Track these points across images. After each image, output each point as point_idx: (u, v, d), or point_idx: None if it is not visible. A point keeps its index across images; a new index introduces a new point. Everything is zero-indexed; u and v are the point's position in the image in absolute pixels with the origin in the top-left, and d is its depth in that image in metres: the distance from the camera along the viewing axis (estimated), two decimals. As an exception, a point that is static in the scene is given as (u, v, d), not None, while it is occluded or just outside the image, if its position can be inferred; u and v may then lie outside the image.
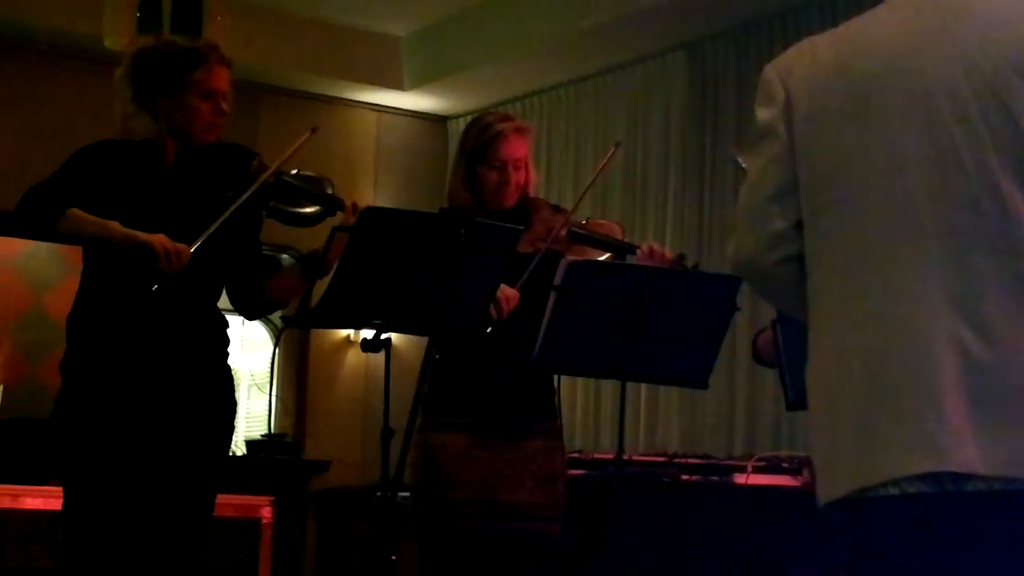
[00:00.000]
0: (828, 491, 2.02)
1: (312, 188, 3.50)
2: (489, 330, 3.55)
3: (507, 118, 3.88)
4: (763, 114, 2.13)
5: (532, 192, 3.86)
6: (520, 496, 3.70)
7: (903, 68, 2.03)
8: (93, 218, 3.28)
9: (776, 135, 2.11)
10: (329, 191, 3.51)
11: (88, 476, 3.32)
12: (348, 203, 3.47)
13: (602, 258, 3.74)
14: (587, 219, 3.95)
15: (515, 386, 3.74)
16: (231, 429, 3.52)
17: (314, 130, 3.51)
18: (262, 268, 3.56)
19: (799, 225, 2.10)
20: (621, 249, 3.75)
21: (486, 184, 3.76)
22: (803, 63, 2.12)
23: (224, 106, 3.42)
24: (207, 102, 3.39)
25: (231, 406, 3.50)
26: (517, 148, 3.77)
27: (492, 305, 3.52)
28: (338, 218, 3.48)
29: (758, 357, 4.32)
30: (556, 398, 3.87)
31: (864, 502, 1.96)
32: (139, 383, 3.34)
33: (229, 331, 3.52)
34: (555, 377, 3.86)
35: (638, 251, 3.72)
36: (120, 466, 3.31)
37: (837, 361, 2.04)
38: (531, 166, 3.84)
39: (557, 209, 3.88)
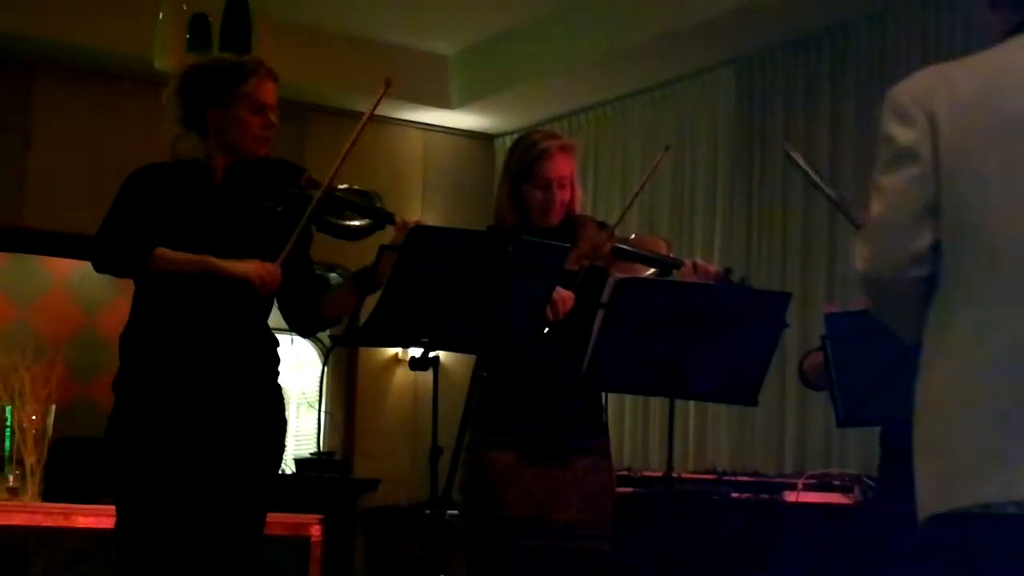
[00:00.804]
0: (941, 503, 2.10)
1: (361, 201, 3.51)
2: (546, 331, 3.54)
3: (553, 136, 3.88)
4: (903, 135, 2.18)
5: (578, 209, 3.86)
6: (569, 514, 3.69)
7: None
8: (183, 255, 3.32)
9: (919, 156, 2.16)
10: (378, 205, 3.52)
11: (141, 495, 3.33)
12: (398, 219, 3.47)
13: (647, 274, 3.73)
14: (634, 235, 3.94)
15: (563, 404, 3.72)
16: (282, 448, 3.53)
17: (388, 81, 3.41)
18: (316, 284, 3.58)
19: (935, 247, 2.15)
20: (666, 265, 3.73)
21: (532, 202, 3.76)
22: (941, 90, 2.18)
23: (273, 118, 3.45)
24: (257, 115, 3.42)
25: (282, 425, 3.51)
26: (562, 166, 3.77)
27: (548, 306, 3.51)
28: (387, 231, 3.48)
29: (806, 381, 4.28)
30: (604, 416, 3.85)
31: (985, 518, 2.03)
32: (191, 402, 3.35)
33: (279, 349, 3.54)
34: (603, 395, 3.84)
35: (683, 266, 3.71)
36: (173, 485, 3.33)
37: (965, 385, 2.10)
38: (577, 184, 3.84)
39: (603, 226, 3.86)
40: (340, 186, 3.50)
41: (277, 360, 3.52)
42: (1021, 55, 2.17)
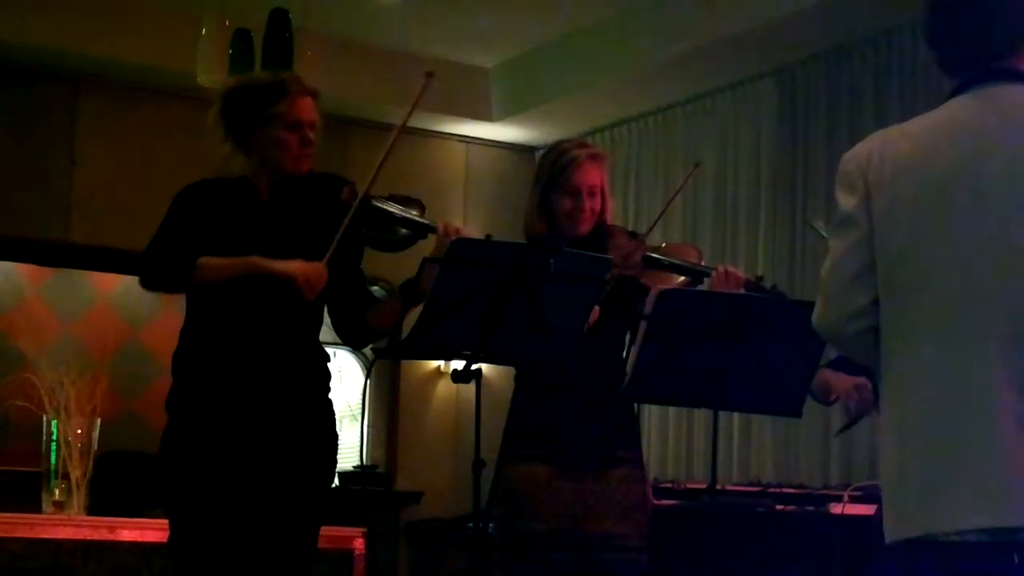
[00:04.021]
0: (896, 531, 2.35)
1: (402, 212, 3.49)
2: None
3: (583, 145, 3.86)
4: (845, 202, 2.45)
5: (609, 219, 3.84)
6: (606, 526, 3.67)
7: (971, 168, 2.32)
8: (226, 260, 3.34)
9: (857, 223, 2.42)
10: (416, 214, 3.50)
11: (194, 510, 3.35)
12: (440, 227, 3.45)
13: (678, 282, 3.71)
14: (664, 244, 3.93)
15: (595, 415, 3.71)
16: (333, 463, 3.53)
17: (429, 74, 3.54)
18: (365, 297, 3.58)
19: (876, 301, 2.41)
20: (697, 273, 3.72)
21: (561, 211, 3.75)
22: (880, 157, 2.42)
23: (311, 135, 3.45)
24: (294, 133, 3.43)
25: (333, 439, 3.52)
26: (592, 175, 3.75)
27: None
28: (430, 240, 3.47)
29: (812, 395, 4.18)
30: (637, 426, 3.82)
31: (929, 545, 2.29)
32: (244, 418, 3.37)
33: (329, 364, 3.54)
34: (635, 406, 3.82)
35: (713, 273, 3.69)
36: (226, 500, 3.34)
37: (906, 427, 2.35)
38: (607, 193, 3.82)
39: (633, 235, 3.85)
40: (382, 195, 3.49)
41: (328, 375, 3.52)
42: (950, 118, 2.41)
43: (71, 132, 7.47)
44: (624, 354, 3.82)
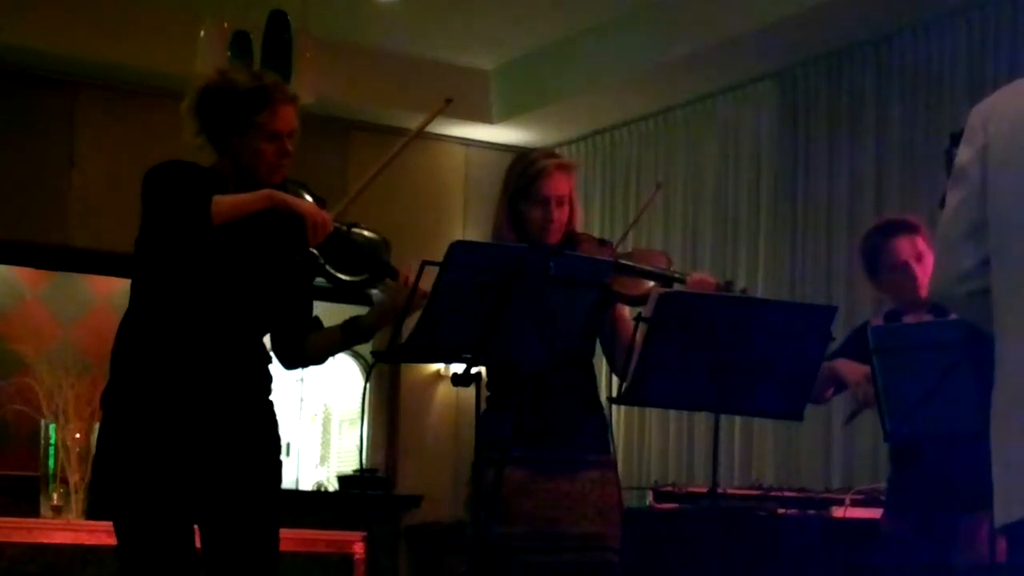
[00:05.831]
0: (1000, 516, 2.19)
1: (366, 250, 3.40)
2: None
3: (551, 155, 3.89)
4: (962, 155, 2.28)
5: (579, 228, 3.84)
6: (583, 527, 3.67)
7: None
8: (242, 195, 3.25)
9: (967, 177, 2.25)
10: (383, 256, 3.40)
11: (135, 511, 3.28)
12: (401, 276, 3.37)
13: (648, 287, 3.70)
14: (632, 249, 3.93)
15: (568, 419, 3.71)
16: (278, 464, 3.44)
17: (448, 101, 3.53)
18: (310, 320, 3.51)
19: (987, 261, 2.23)
20: (668, 279, 3.71)
21: (530, 221, 3.74)
22: (1004, 108, 2.23)
23: (289, 147, 3.36)
24: (272, 143, 3.33)
25: (275, 440, 3.43)
26: (560, 184, 3.75)
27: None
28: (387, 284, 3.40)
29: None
30: (609, 432, 3.81)
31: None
32: (182, 418, 3.28)
33: (272, 367, 3.46)
34: (609, 410, 3.81)
35: (687, 280, 3.68)
36: (165, 501, 3.27)
37: (1002, 394, 2.18)
38: (576, 202, 3.81)
39: (602, 242, 3.85)
40: (351, 226, 3.40)
41: (269, 377, 3.44)
42: None
43: (70, 135, 7.47)
44: (592, 358, 3.82)
